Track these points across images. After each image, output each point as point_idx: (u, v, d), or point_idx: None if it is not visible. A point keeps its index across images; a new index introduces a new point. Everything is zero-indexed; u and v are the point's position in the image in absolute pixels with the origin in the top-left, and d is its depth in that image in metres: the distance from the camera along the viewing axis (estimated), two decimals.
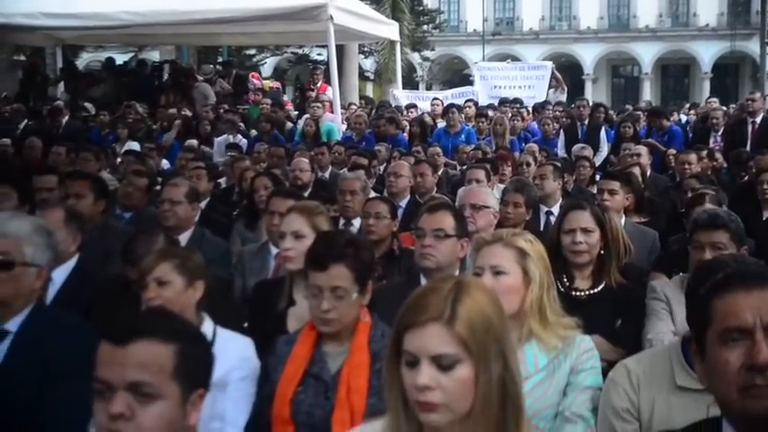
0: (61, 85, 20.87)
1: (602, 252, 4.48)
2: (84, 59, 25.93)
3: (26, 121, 16.24)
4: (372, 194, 7.20)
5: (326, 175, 10.40)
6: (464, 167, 10.47)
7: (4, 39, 24.83)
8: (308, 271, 3.54)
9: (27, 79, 21.67)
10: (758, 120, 12.47)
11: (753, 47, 45.62)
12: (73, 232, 4.98)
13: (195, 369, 2.35)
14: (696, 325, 2.25)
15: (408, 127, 15.22)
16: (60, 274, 4.49)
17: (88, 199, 6.17)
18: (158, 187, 8.64)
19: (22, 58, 28.79)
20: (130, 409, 2.21)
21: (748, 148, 11.34)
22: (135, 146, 13.47)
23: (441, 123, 15.08)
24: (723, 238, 4.21)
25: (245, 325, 4.49)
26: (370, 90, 29.81)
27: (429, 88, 31.93)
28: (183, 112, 16.52)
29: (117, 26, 18.31)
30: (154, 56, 26.12)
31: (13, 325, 3.61)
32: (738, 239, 4.29)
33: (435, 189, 8.59)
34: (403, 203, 7.46)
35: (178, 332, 2.36)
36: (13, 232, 3.71)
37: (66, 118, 16.31)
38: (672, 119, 14.57)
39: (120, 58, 23.63)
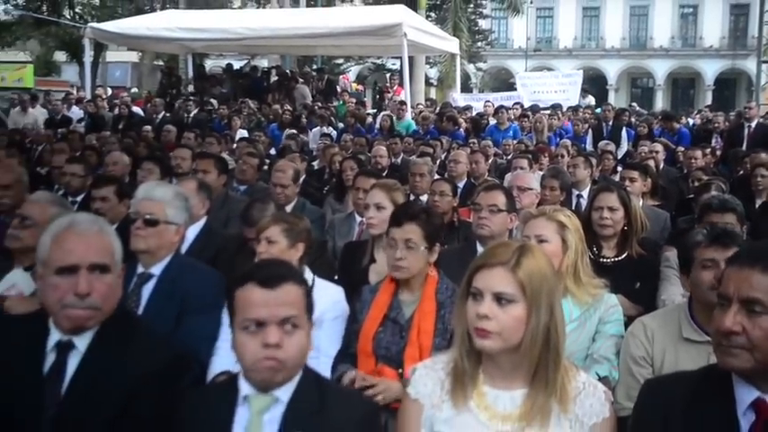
0: (191, 85, 21.06)
1: (625, 228, 4.42)
2: (208, 65, 26.18)
3: (164, 112, 16.43)
4: (437, 177, 7.17)
5: (399, 160, 10.38)
6: (509, 157, 10.44)
7: (149, 47, 25.29)
8: (389, 228, 3.57)
9: (165, 80, 21.95)
10: (753, 125, 12.39)
11: (749, 65, 44.76)
12: (202, 199, 5.04)
13: (311, 305, 2.40)
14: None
15: (464, 124, 15.12)
16: (192, 232, 4.52)
17: (213, 174, 6.21)
18: (266, 167, 8.76)
19: (162, 63, 29.20)
20: (281, 339, 2.27)
21: (744, 147, 11.20)
22: (246, 134, 13.57)
23: (492, 121, 14.94)
24: (731, 219, 4.21)
25: (336, 277, 4.50)
26: (433, 94, 29.65)
27: (481, 93, 31.62)
28: (285, 108, 16.59)
29: (235, 38, 18.55)
30: (263, 63, 26.24)
31: (156, 270, 3.67)
32: (742, 220, 4.33)
33: (487, 174, 8.53)
34: (461, 185, 7.40)
35: (301, 277, 2.43)
36: (158, 197, 3.77)
37: (195, 111, 16.49)
38: (681, 122, 14.30)
39: (236, 64, 23.77)
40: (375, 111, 17.67)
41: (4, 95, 21.22)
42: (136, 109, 17.54)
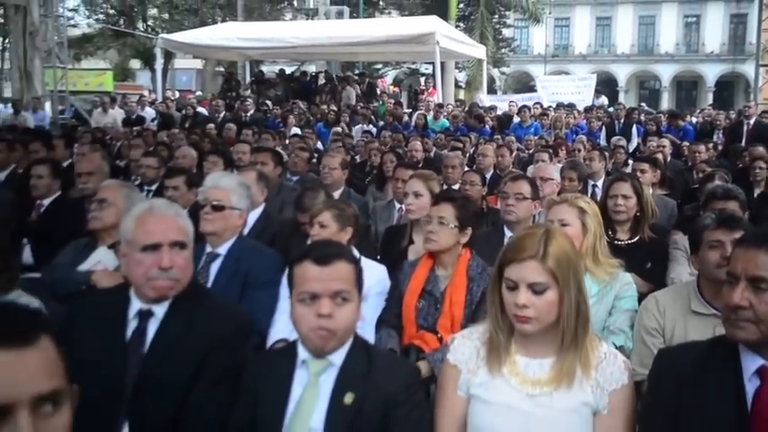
0: (248, 88, 21.16)
1: (637, 214, 4.37)
2: (263, 70, 26.29)
3: (225, 112, 16.51)
4: (466, 169, 7.15)
5: (431, 154, 10.34)
6: (531, 151, 10.36)
7: (212, 55, 25.42)
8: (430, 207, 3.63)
9: (225, 83, 22.07)
10: (751, 122, 12.35)
11: (747, 69, 44.07)
12: (261, 188, 5.07)
13: (361, 283, 2.41)
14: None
15: (491, 121, 15.04)
16: (253, 217, 4.56)
17: (270, 166, 6.23)
18: (314, 160, 8.79)
19: (222, 69, 29.37)
20: (333, 310, 2.29)
21: (743, 143, 11.10)
22: (298, 131, 13.62)
23: (515, 119, 14.83)
24: (734, 206, 4.15)
25: (378, 257, 4.50)
26: (462, 95, 29.47)
27: (504, 94, 31.40)
28: (330, 108, 16.62)
29: (287, 47, 18.65)
30: (311, 68, 26.30)
31: (222, 250, 3.70)
32: (744, 207, 4.27)
33: (511, 166, 8.47)
34: (488, 176, 7.36)
35: (352, 256, 2.43)
36: (224, 186, 3.80)
37: (252, 110, 16.56)
38: (685, 120, 14.12)
39: (288, 69, 23.89)
40: (410, 110, 17.61)
41: (88, 98, 21.44)
42: (200, 109, 17.64)
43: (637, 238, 4.35)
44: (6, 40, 30.86)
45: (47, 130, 11.77)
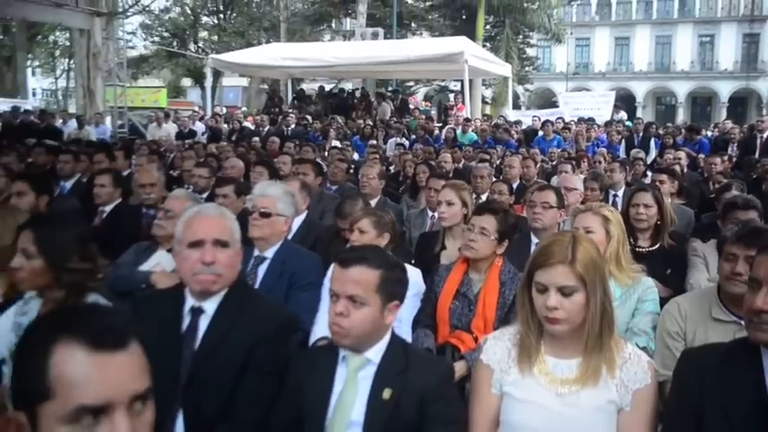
0: (290, 104, 21.31)
1: (658, 222, 4.30)
2: (304, 87, 26.45)
3: (268, 126, 16.61)
4: (494, 179, 7.10)
5: (461, 165, 10.28)
6: (554, 163, 10.27)
7: (256, 74, 25.64)
8: (472, 216, 3.61)
9: (269, 100, 22.22)
10: (765, 136, 12.04)
11: (759, 85, 43.57)
12: (304, 197, 5.06)
13: (393, 287, 2.37)
14: None
15: (516, 135, 14.93)
16: (296, 223, 4.54)
17: (311, 176, 6.20)
18: (351, 171, 8.78)
19: (266, 86, 29.61)
20: (347, 310, 2.28)
21: (757, 155, 10.87)
22: (338, 144, 13.64)
23: (539, 133, 14.71)
24: (754, 215, 4.08)
25: (413, 261, 4.48)
26: (488, 110, 29.33)
27: (528, 110, 31.23)
28: (366, 123, 16.65)
29: (326, 66, 18.80)
30: (348, 85, 26.39)
31: (269, 253, 3.71)
32: (762, 216, 4.17)
33: (536, 176, 8.40)
34: (514, 185, 7.30)
35: (381, 262, 2.38)
36: (271, 194, 3.80)
37: (293, 125, 16.64)
38: (701, 134, 13.89)
39: (327, 87, 23.98)
40: (441, 125, 17.56)
41: (144, 113, 21.77)
42: (246, 124, 17.78)
43: (657, 246, 4.28)
44: (72, 61, 31.46)
45: (108, 142, 11.90)
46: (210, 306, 2.57)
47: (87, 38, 18.56)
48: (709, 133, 15.88)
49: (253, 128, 17.18)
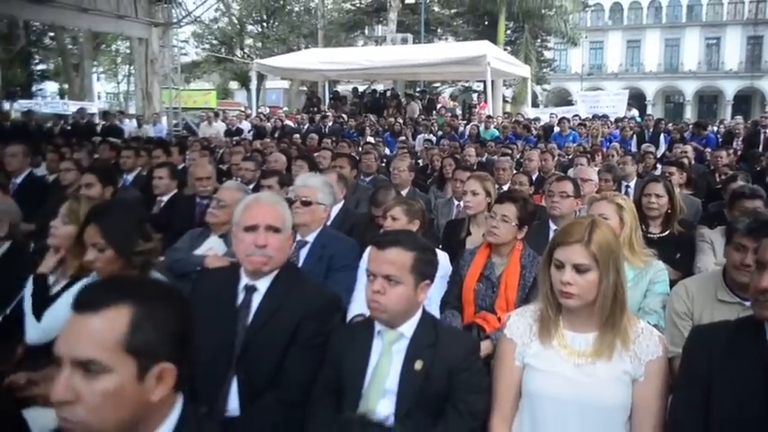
0: (327, 104, 21.34)
1: (668, 211, 4.24)
2: (339, 88, 26.44)
3: (308, 124, 16.67)
4: (515, 171, 7.03)
5: (484, 159, 10.20)
6: (570, 156, 10.14)
7: (297, 77, 25.70)
8: (494, 204, 3.58)
9: (308, 100, 22.30)
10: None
11: (762, 84, 42.48)
12: (341, 187, 5.07)
13: (425, 268, 2.37)
14: None
15: (535, 131, 14.78)
16: (334, 211, 4.55)
17: (347, 168, 6.21)
18: (383, 164, 8.77)
19: (305, 88, 29.66)
20: (384, 288, 2.29)
21: (761, 149, 10.68)
22: (371, 140, 13.63)
23: (556, 129, 14.54)
24: (759, 204, 3.99)
25: (440, 246, 4.47)
26: (509, 108, 29.04)
27: (545, 107, 30.85)
28: (396, 120, 16.60)
29: (360, 69, 18.76)
30: (380, 86, 26.28)
31: (310, 238, 3.72)
32: (766, 205, 4.06)
33: (553, 169, 8.31)
34: (534, 177, 7.22)
35: (414, 245, 2.38)
36: (311, 184, 3.82)
37: (330, 123, 16.68)
38: (708, 129, 13.60)
39: (360, 88, 23.97)
40: (465, 122, 17.44)
41: (196, 114, 21.95)
42: (287, 122, 17.84)
43: (667, 232, 4.23)
44: (132, 67, 31.84)
45: (165, 139, 12.03)
46: (263, 284, 2.60)
47: (146, 46, 18.76)
48: (715, 128, 15.57)
49: (294, 126, 17.28)
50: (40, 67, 39.47)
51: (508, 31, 31.95)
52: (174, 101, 19.90)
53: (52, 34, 34.57)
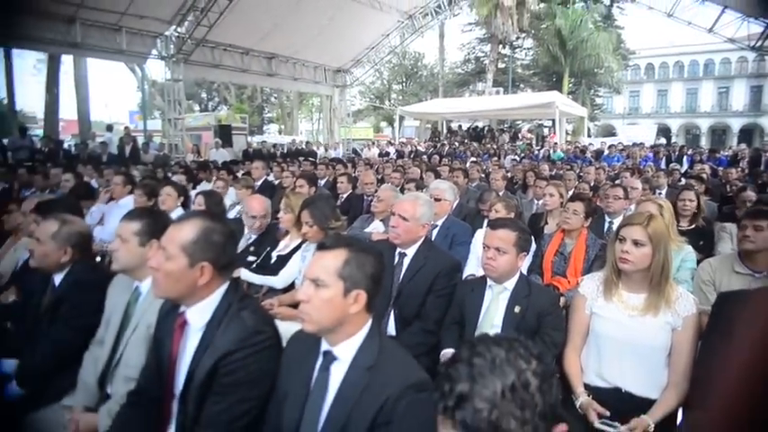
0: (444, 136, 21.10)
1: (696, 211, 3.81)
2: (453, 125, 26.10)
3: (432, 149, 16.53)
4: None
5: (554, 173, 9.51)
6: (615, 172, 9.29)
7: (425, 118, 25.56)
8: (568, 202, 3.36)
9: (432, 133, 22.15)
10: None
11: (763, 121, 36.94)
12: (456, 190, 4.47)
13: (524, 244, 2.29)
14: None
15: (589, 154, 13.72)
16: (453, 205, 4.30)
17: (460, 178, 6.03)
18: (483, 176, 8.46)
19: (429, 125, 29.47)
20: (495, 257, 2.23)
21: (762, 168, 9.29)
22: (474, 159, 13.19)
23: (605, 152, 13.41)
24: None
25: None
26: (570, 138, 27.08)
27: (596, 137, 28.57)
28: (492, 146, 16.10)
29: (467, 112, 18.50)
30: (480, 123, 25.57)
31: (439, 222, 3.59)
32: None
33: (604, 181, 7.66)
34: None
35: (517, 227, 2.31)
36: (441, 187, 3.71)
37: (447, 148, 16.47)
38: (719, 153, 11.95)
39: (465, 125, 23.45)
40: (539, 147, 16.57)
41: (360, 142, 22.53)
42: (419, 148, 17.88)
43: (694, 226, 3.82)
44: (321, 114, 33.27)
45: (341, 159, 12.50)
46: (410, 252, 2.60)
47: (330, 100, 19.65)
48: (725, 153, 13.72)
49: (423, 150, 17.27)
50: (268, 114, 42.44)
51: (570, 84, 29.86)
52: (347, 134, 20.60)
53: (276, 95, 36.98)
